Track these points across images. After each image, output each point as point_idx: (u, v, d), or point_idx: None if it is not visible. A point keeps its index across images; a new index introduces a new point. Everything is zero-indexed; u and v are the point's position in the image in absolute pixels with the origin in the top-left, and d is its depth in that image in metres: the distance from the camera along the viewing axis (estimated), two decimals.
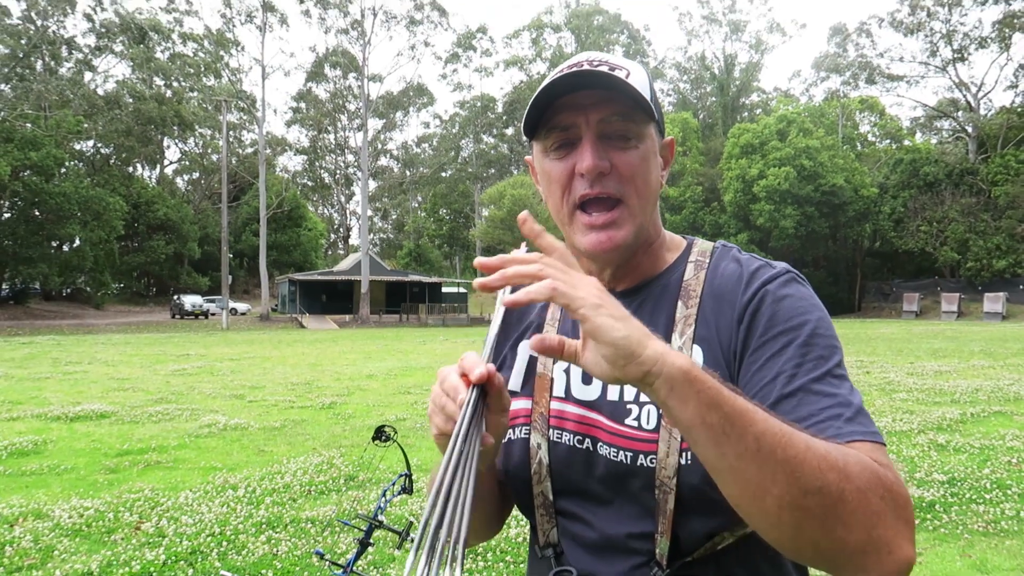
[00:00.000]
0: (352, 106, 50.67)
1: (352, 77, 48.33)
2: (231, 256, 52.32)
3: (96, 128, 46.12)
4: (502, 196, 40.10)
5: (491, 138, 65.69)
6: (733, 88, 60.35)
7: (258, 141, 44.41)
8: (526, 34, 63.18)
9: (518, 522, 4.17)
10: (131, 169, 55.36)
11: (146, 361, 16.31)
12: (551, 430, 0.92)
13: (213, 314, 42.22)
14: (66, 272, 40.49)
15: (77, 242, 40.61)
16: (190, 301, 42.05)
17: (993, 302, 35.52)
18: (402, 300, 45.02)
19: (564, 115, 0.86)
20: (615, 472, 0.86)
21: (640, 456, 0.83)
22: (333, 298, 44.64)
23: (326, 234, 72.80)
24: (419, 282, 46.51)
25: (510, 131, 63.54)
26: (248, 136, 60.34)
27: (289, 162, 64.77)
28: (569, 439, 0.90)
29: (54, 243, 41.17)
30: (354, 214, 73.82)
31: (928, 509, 4.57)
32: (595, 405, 0.90)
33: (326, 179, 66.72)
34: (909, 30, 48.58)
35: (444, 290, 49.59)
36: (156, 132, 53.38)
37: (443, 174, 63.35)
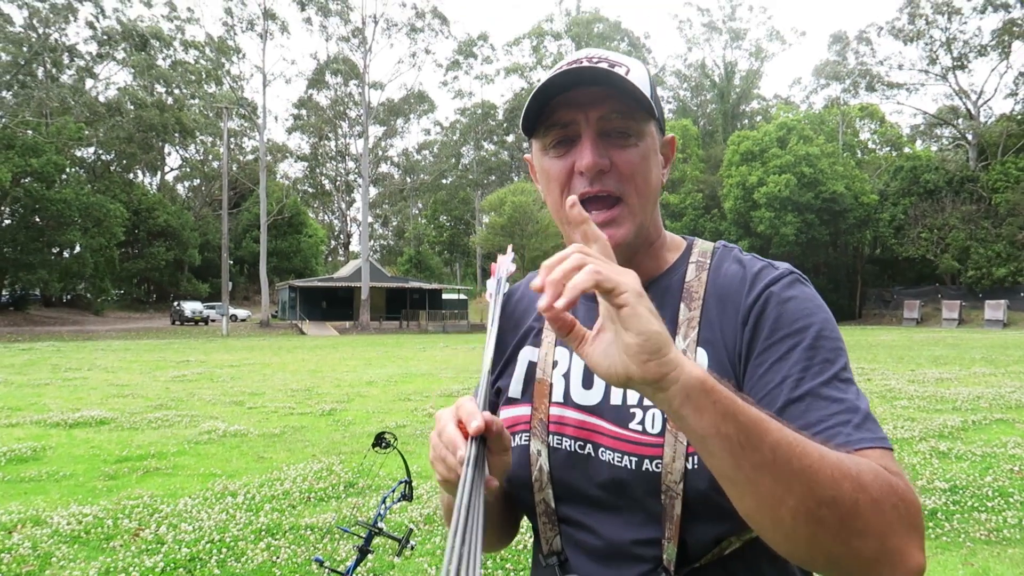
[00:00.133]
0: (353, 113, 50.86)
1: (353, 84, 48.56)
2: (231, 262, 52.31)
3: (97, 135, 46.24)
4: (503, 203, 40.15)
5: (492, 145, 65.86)
6: (733, 95, 60.55)
7: (259, 148, 44.51)
8: (527, 42, 63.44)
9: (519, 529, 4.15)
10: (132, 176, 55.52)
11: (146, 367, 16.29)
12: (551, 436, 0.90)
13: (213, 320, 42.21)
14: (66, 278, 40.52)
15: (77, 248, 40.67)
16: (190, 307, 42.05)
17: (994, 309, 35.49)
18: (402, 307, 45.00)
19: (563, 112, 0.85)
20: (619, 478, 0.84)
21: (645, 461, 0.82)
22: (333, 304, 44.63)
23: (326, 241, 72.83)
24: (419, 289, 46.52)
25: (511, 138, 63.70)
26: (249, 143, 60.57)
27: (290, 169, 65.07)
28: (569, 445, 0.88)
29: (54, 249, 41.21)
30: (354, 221, 73.93)
31: (930, 517, 4.55)
32: (596, 410, 0.88)
33: (327, 186, 66.87)
34: (909, 38, 48.73)
35: (444, 297, 49.58)
36: (157, 139, 53.48)
37: (444, 181, 63.51)
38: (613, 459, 0.85)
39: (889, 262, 48.05)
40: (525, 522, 1.03)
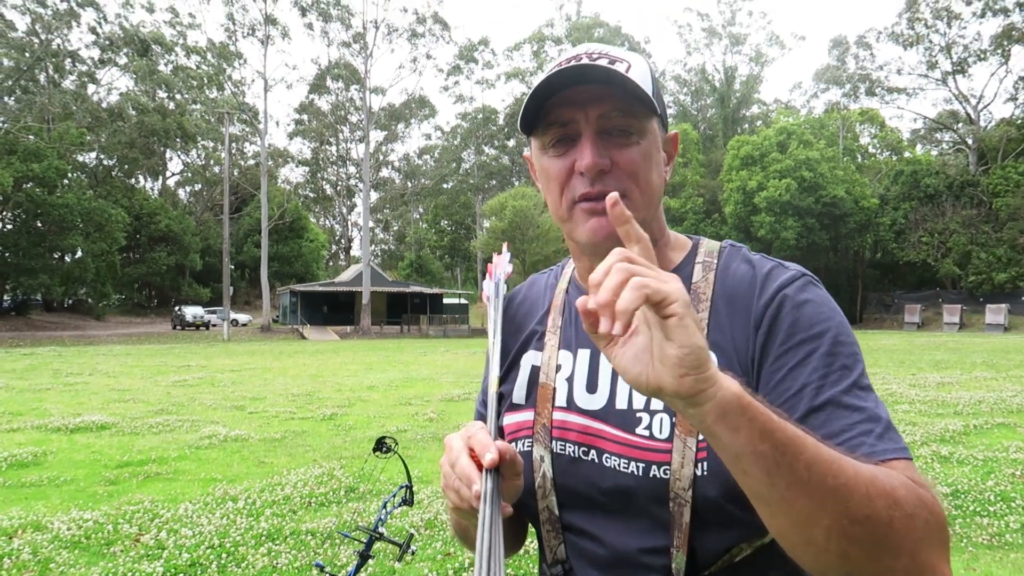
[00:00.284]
0: (354, 118, 50.91)
1: (354, 89, 48.61)
2: (232, 267, 52.43)
3: (99, 140, 46.38)
4: (503, 207, 40.17)
5: (492, 150, 65.92)
6: (734, 100, 60.64)
7: (260, 153, 44.58)
8: (527, 47, 63.55)
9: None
10: (133, 181, 55.61)
11: (147, 372, 16.29)
12: (554, 442, 0.88)
13: (214, 325, 42.22)
14: (68, 283, 40.53)
15: (79, 253, 40.69)
16: (191, 312, 42.05)
17: (995, 314, 35.45)
18: (403, 311, 45.00)
19: (562, 111, 0.82)
20: (625, 484, 0.81)
21: (653, 467, 0.80)
22: (334, 309, 44.63)
23: (327, 245, 72.90)
24: (420, 293, 46.52)
25: (511, 143, 63.77)
26: (250, 148, 60.66)
27: (291, 174, 65.08)
28: (573, 450, 0.86)
29: (56, 254, 41.25)
30: (355, 225, 73.99)
31: None
32: (600, 415, 0.86)
33: (328, 191, 66.94)
34: (908, 43, 48.81)
35: (445, 301, 49.58)
36: (159, 144, 53.62)
37: (444, 185, 63.54)
38: (618, 465, 0.82)
39: (890, 266, 48.04)
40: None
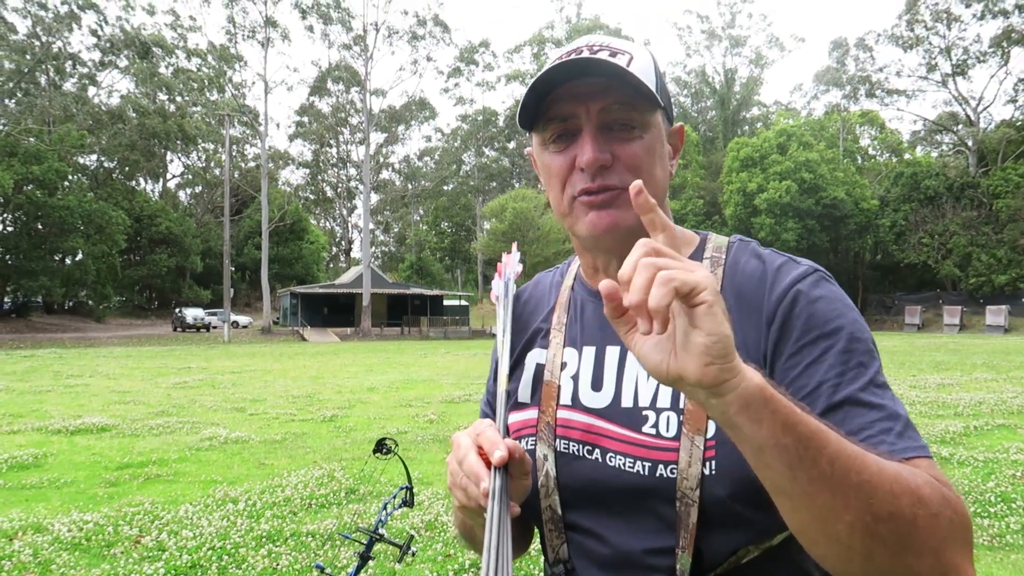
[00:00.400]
0: (354, 120, 50.97)
1: (355, 91, 48.67)
2: (233, 269, 52.41)
3: (99, 142, 46.41)
4: (504, 209, 40.20)
5: (493, 151, 65.98)
6: (734, 102, 60.67)
7: (261, 155, 44.62)
8: (527, 49, 63.62)
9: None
10: (134, 183, 55.66)
11: (147, 374, 16.29)
12: (558, 440, 0.87)
13: (215, 327, 42.21)
14: (68, 285, 40.55)
15: (79, 255, 40.70)
16: (192, 314, 42.05)
17: (995, 315, 35.44)
18: (403, 313, 45.02)
19: (563, 105, 0.81)
20: (630, 484, 0.80)
21: (659, 466, 0.78)
22: (335, 311, 44.64)
23: (328, 247, 72.92)
24: (420, 295, 46.53)
25: (512, 144, 63.82)
26: (251, 150, 60.73)
27: (291, 175, 65.12)
28: (577, 449, 0.85)
29: (56, 256, 41.27)
30: (356, 227, 74.02)
31: None
32: (605, 413, 0.84)
33: (328, 192, 66.93)
34: (908, 45, 48.84)
35: (445, 303, 49.60)
36: (159, 146, 53.70)
37: (445, 187, 63.58)
38: (623, 464, 0.81)
39: (890, 268, 48.04)
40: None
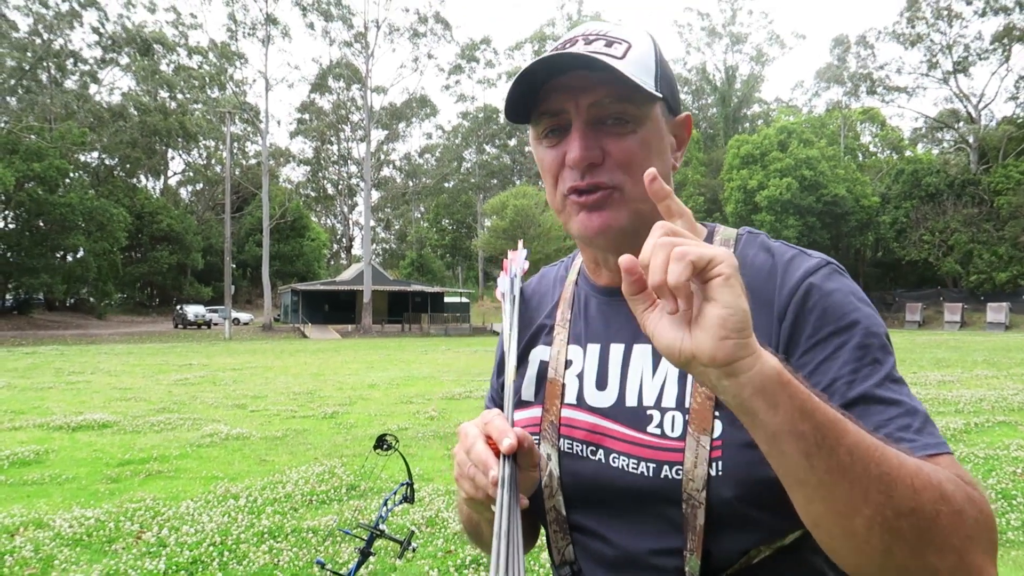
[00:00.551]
0: (355, 117, 50.94)
1: (355, 89, 48.64)
2: (234, 266, 52.39)
3: (101, 140, 46.40)
4: (504, 206, 40.19)
5: (493, 149, 65.98)
6: (735, 99, 60.58)
7: (262, 152, 44.63)
8: (528, 46, 63.52)
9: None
10: (135, 180, 55.66)
11: (148, 371, 16.31)
12: (561, 439, 0.85)
13: (216, 324, 42.25)
14: (69, 282, 40.60)
15: (81, 253, 40.75)
16: (193, 311, 42.09)
17: (996, 312, 35.40)
18: (404, 310, 45.01)
19: (554, 99, 0.78)
20: (634, 485, 0.78)
21: (664, 467, 0.76)
22: (336, 308, 44.66)
23: (329, 244, 72.93)
24: (421, 292, 46.53)
25: (513, 142, 63.81)
26: (252, 147, 60.77)
27: (292, 173, 65.15)
28: (581, 449, 0.84)
29: (58, 254, 41.30)
30: (357, 224, 74.01)
31: None
32: (609, 413, 0.83)
33: (329, 190, 66.94)
34: (909, 42, 48.73)
35: (446, 300, 49.58)
36: (160, 144, 53.70)
37: (446, 184, 63.59)
38: (627, 465, 0.79)
39: (891, 265, 48.00)
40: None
